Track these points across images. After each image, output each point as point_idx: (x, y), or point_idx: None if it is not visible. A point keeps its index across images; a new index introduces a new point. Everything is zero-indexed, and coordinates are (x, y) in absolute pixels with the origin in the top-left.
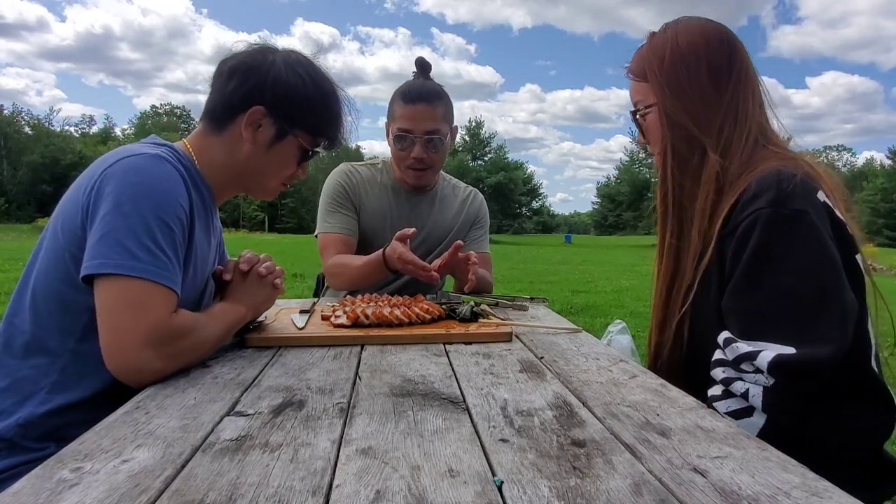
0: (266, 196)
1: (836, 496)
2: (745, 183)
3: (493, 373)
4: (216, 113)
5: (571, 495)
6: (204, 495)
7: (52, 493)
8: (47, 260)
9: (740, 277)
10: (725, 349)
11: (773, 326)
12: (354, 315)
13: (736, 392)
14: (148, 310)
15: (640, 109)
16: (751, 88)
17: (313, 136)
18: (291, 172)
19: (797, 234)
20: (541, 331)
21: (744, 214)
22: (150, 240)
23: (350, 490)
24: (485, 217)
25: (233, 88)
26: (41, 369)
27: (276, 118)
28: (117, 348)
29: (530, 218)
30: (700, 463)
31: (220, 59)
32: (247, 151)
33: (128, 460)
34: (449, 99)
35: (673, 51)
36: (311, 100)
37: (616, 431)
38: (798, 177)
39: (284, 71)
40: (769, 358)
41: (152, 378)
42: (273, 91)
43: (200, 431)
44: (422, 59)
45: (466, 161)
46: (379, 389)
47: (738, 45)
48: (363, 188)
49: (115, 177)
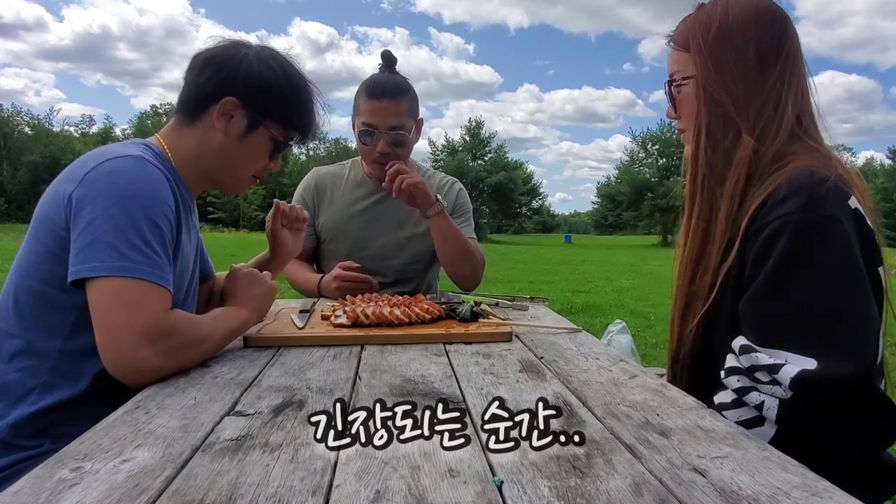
0: (237, 189)
1: (836, 496)
2: (775, 180)
3: (493, 373)
4: (189, 105)
5: (571, 495)
6: (204, 495)
7: (52, 493)
8: (28, 262)
9: (764, 284)
10: (741, 356)
11: (794, 337)
12: (354, 315)
13: (750, 403)
14: (143, 308)
15: (677, 80)
16: (797, 74)
17: (285, 127)
18: (263, 164)
19: (826, 243)
20: (541, 331)
21: (771, 216)
22: (140, 240)
23: (350, 490)
24: (463, 204)
25: (205, 79)
26: (30, 371)
27: (248, 109)
28: (114, 348)
29: (530, 218)
30: (700, 463)
31: (193, 54)
32: (219, 142)
33: (128, 460)
34: (414, 93)
35: (721, 23)
36: (284, 92)
37: (616, 431)
38: (831, 180)
39: (257, 63)
40: (793, 373)
41: (151, 377)
42: (245, 82)
43: (200, 431)
44: (387, 51)
45: (466, 161)
46: (379, 389)
47: (790, 26)
48: (326, 188)
49: (99, 181)
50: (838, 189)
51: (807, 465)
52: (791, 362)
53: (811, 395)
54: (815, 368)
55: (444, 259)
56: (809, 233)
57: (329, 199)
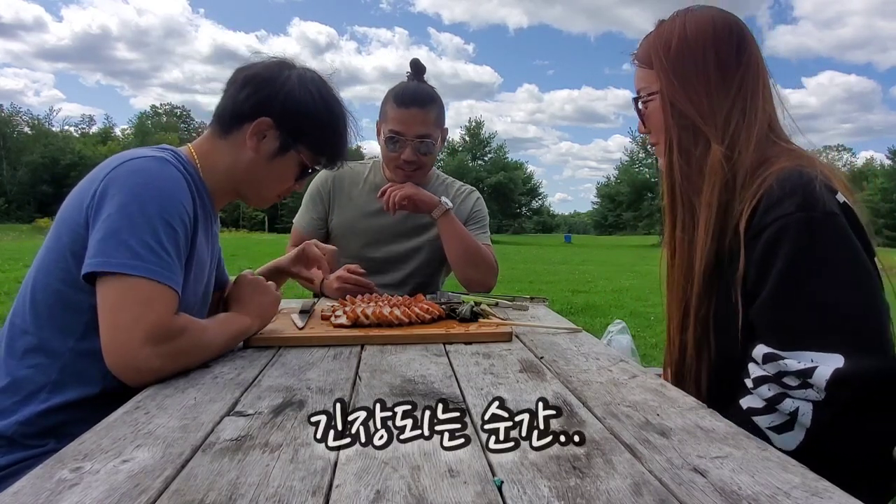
0: (260, 204)
1: (837, 496)
2: (765, 182)
3: (493, 373)
4: (225, 118)
5: (571, 495)
6: (204, 495)
7: (52, 493)
8: (48, 260)
9: (777, 288)
10: (765, 365)
11: (818, 337)
12: (354, 315)
13: (784, 410)
14: (149, 308)
15: (643, 97)
16: (760, 81)
17: (315, 153)
18: (288, 186)
19: (831, 239)
20: (541, 331)
21: (769, 218)
22: (154, 239)
23: (350, 490)
24: (478, 212)
25: (244, 97)
26: (41, 369)
27: (281, 131)
28: (117, 346)
29: (530, 218)
30: (700, 463)
31: (237, 67)
32: (248, 160)
33: (128, 460)
34: (441, 102)
35: (680, 38)
36: (320, 118)
37: (616, 431)
38: (819, 178)
39: (298, 87)
40: (827, 375)
41: (151, 377)
42: (283, 105)
43: (200, 431)
44: (417, 60)
45: (466, 161)
46: (379, 389)
47: (747, 35)
48: (344, 185)
49: (120, 179)
50: (827, 185)
51: (824, 466)
52: (819, 363)
53: (846, 394)
54: (846, 366)
55: (452, 261)
56: (813, 231)
57: (346, 197)
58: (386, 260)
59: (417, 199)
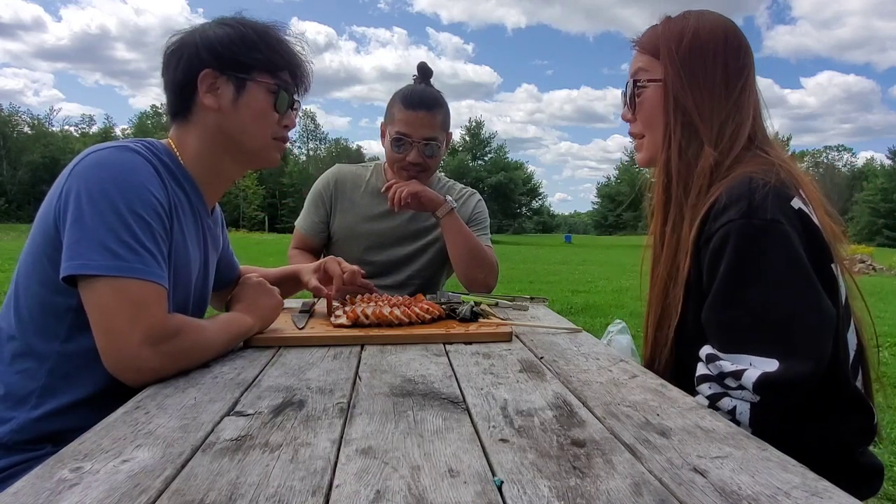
0: (266, 157)
1: (836, 496)
2: (717, 190)
3: (493, 373)
4: (176, 103)
5: (571, 495)
6: (204, 495)
7: (52, 493)
8: (27, 263)
9: (718, 292)
10: (708, 364)
11: (754, 341)
12: (354, 315)
13: (723, 409)
14: (140, 307)
15: (642, 80)
16: (754, 97)
17: (270, 72)
18: (275, 120)
19: (769, 246)
20: (541, 331)
21: (716, 225)
22: (130, 236)
23: (350, 490)
24: (480, 214)
25: (174, 69)
26: (29, 374)
27: (226, 72)
28: (114, 349)
29: (530, 218)
30: (700, 463)
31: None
32: (218, 119)
33: (128, 460)
34: (447, 106)
35: (694, 37)
36: (250, 38)
37: (616, 431)
38: (770, 184)
39: (213, 28)
40: (754, 377)
41: (151, 377)
42: (209, 49)
43: (200, 431)
44: (424, 64)
45: (466, 161)
46: (379, 389)
47: (750, 53)
48: (346, 189)
49: (83, 173)
50: (778, 192)
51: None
52: (754, 366)
53: (777, 397)
54: (776, 370)
55: (455, 261)
56: (753, 237)
57: (347, 201)
58: (387, 264)
59: (423, 196)
